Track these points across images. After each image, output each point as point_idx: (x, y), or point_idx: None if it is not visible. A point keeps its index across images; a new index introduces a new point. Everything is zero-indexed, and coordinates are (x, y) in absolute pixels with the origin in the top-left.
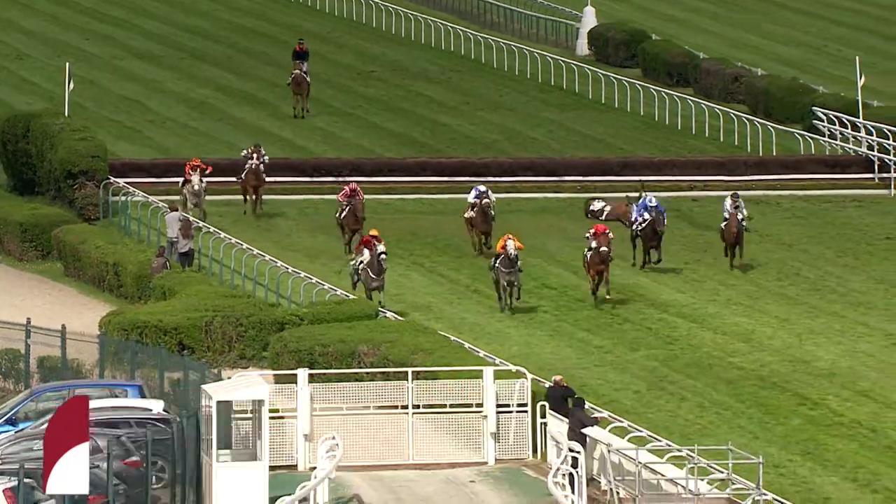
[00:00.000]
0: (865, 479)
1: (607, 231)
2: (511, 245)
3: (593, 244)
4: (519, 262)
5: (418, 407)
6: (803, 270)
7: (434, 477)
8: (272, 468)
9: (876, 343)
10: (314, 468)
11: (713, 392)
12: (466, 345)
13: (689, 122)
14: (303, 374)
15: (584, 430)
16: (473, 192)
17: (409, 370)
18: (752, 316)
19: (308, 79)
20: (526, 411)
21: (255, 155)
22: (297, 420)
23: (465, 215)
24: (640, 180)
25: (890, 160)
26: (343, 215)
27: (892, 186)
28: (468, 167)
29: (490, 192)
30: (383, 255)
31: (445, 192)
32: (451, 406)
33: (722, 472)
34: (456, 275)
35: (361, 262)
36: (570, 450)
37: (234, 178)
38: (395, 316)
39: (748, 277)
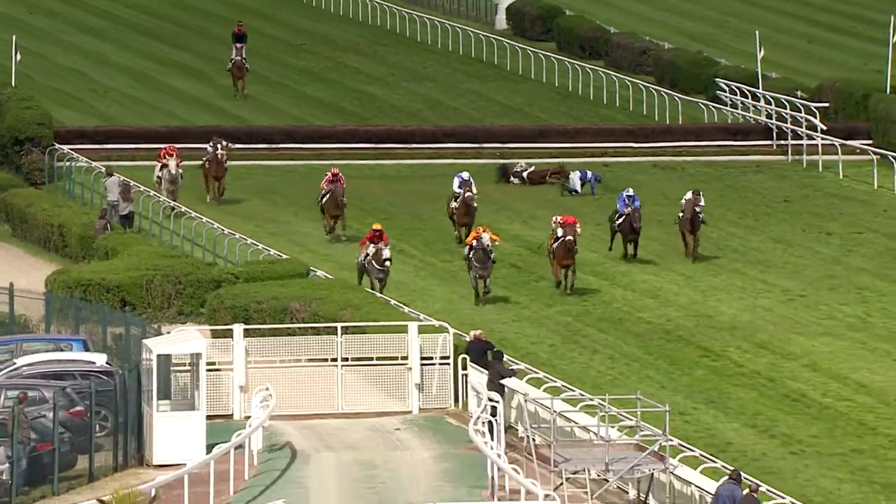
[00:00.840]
0: (764, 426)
1: (576, 223)
2: (486, 238)
3: (559, 233)
4: (493, 255)
5: (347, 360)
6: (706, 231)
7: (361, 425)
8: (209, 417)
9: (774, 299)
10: (249, 417)
11: (623, 345)
12: (392, 301)
13: (601, 93)
14: (238, 329)
15: (503, 381)
16: (457, 181)
17: (339, 325)
18: (659, 274)
19: (247, 64)
20: (448, 364)
21: (217, 145)
22: (233, 372)
23: (451, 205)
24: (500, 149)
25: (787, 128)
26: (325, 200)
27: (790, 153)
28: (394, 135)
29: (473, 184)
30: (388, 262)
31: (373, 158)
32: (378, 359)
33: (631, 420)
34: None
35: (367, 255)
36: (490, 399)
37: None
38: (325, 275)
39: (653, 237)
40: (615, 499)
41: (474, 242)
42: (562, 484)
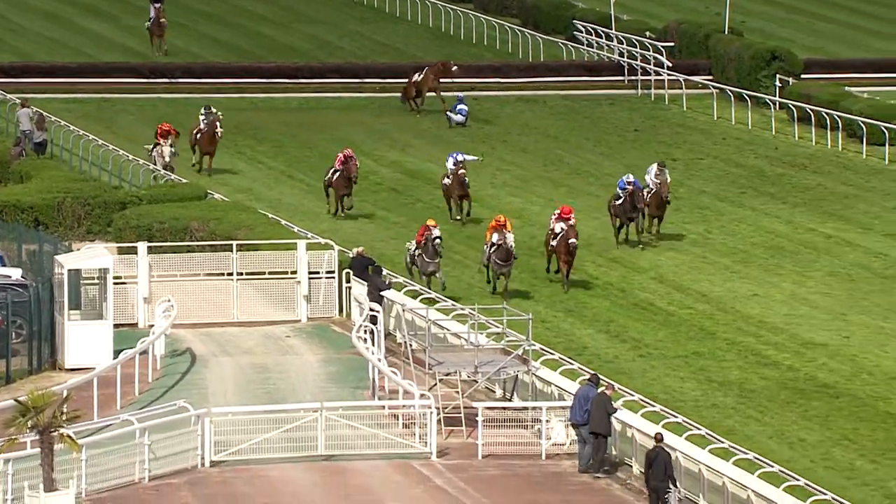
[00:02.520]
0: (616, 331)
1: (572, 220)
2: (510, 238)
3: (557, 228)
4: (515, 252)
5: (241, 274)
6: (566, 158)
7: (255, 333)
8: (116, 326)
9: (674, 248)
10: (152, 326)
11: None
12: (283, 221)
13: (471, 34)
14: (142, 246)
15: (382, 293)
16: (451, 161)
17: (234, 243)
18: (522, 196)
19: (165, 21)
20: (333, 277)
21: (210, 115)
22: (138, 285)
23: (443, 182)
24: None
25: (637, 65)
26: (334, 178)
27: (639, 87)
28: (284, 71)
29: (466, 162)
30: (438, 240)
31: (265, 91)
32: (270, 273)
33: (498, 327)
34: (273, 162)
35: (417, 248)
36: (371, 309)
37: (80, 80)
38: (222, 197)
39: (518, 163)
40: (483, 397)
41: (496, 237)
42: (436, 385)
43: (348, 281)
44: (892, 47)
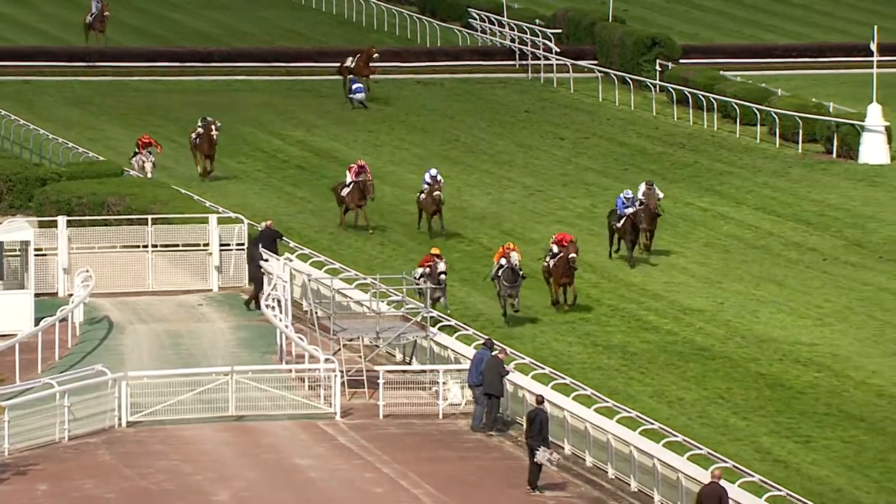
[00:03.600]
0: (542, 314)
1: (574, 240)
2: (515, 257)
3: (555, 249)
4: (522, 272)
5: (156, 246)
6: (461, 137)
7: (169, 301)
8: (37, 295)
9: (517, 193)
10: (71, 295)
11: (392, 232)
12: (195, 197)
13: (372, 20)
14: (62, 220)
15: (261, 266)
16: (427, 176)
17: (149, 217)
18: (420, 172)
19: (108, 14)
20: (243, 249)
21: (211, 125)
22: (58, 257)
23: (418, 197)
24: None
25: (528, 50)
26: (348, 192)
27: (529, 71)
28: (195, 55)
29: (440, 180)
30: (443, 275)
31: (177, 75)
32: (183, 245)
33: (398, 296)
34: (184, 139)
35: (423, 275)
36: (279, 277)
37: (2, 64)
38: (138, 174)
39: (417, 142)
40: (384, 361)
41: (503, 261)
42: (339, 349)
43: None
44: (763, 34)
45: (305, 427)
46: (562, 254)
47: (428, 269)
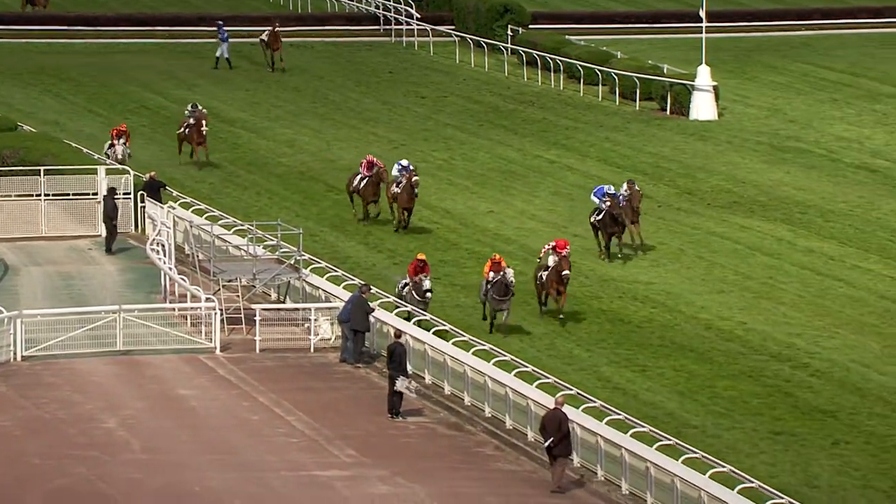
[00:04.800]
0: (374, 243)
1: (567, 253)
2: (510, 273)
3: (550, 261)
4: (513, 288)
5: (48, 195)
6: (331, 95)
7: (61, 246)
8: None
9: (382, 147)
10: None
11: (267, 183)
12: (84, 150)
13: None
14: None
15: (170, 209)
16: (396, 167)
17: (41, 168)
18: (294, 128)
19: None
20: (129, 198)
21: (196, 112)
22: None
23: (390, 191)
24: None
25: (391, 17)
26: (362, 185)
27: (393, 35)
28: (82, 20)
29: (415, 171)
30: (429, 294)
31: (67, 37)
32: (73, 194)
33: (273, 240)
34: (75, 98)
35: (407, 285)
36: (163, 224)
37: None
38: (30, 128)
39: (290, 100)
40: (260, 300)
41: (491, 275)
42: (219, 290)
43: (143, 201)
44: (605, 2)
45: (188, 360)
46: (555, 265)
47: (413, 282)
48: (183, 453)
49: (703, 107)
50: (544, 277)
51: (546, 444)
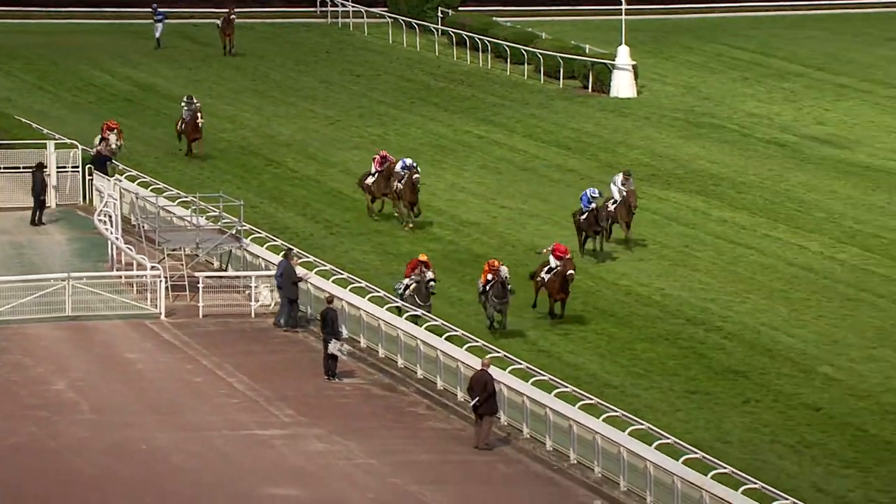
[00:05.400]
0: (311, 214)
1: (569, 256)
2: (505, 270)
3: (552, 263)
4: (511, 287)
5: (0, 168)
6: (270, 74)
7: (12, 216)
8: None
9: (319, 122)
10: None
11: (209, 156)
12: (34, 125)
13: None
14: None
15: (117, 182)
16: (400, 164)
17: None
18: (235, 105)
19: None
20: (77, 171)
21: (192, 106)
22: None
23: (395, 187)
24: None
25: None
26: (373, 181)
27: (329, 17)
28: (36, 1)
29: (417, 168)
30: (432, 283)
31: (21, 18)
32: (24, 167)
33: (215, 212)
34: (26, 76)
35: (408, 287)
36: (110, 196)
37: None
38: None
39: (231, 78)
40: (203, 268)
41: (490, 276)
42: (164, 258)
43: (90, 174)
44: None
45: (134, 326)
46: (559, 269)
47: (415, 283)
48: (129, 413)
49: (622, 85)
50: (546, 279)
51: (472, 403)
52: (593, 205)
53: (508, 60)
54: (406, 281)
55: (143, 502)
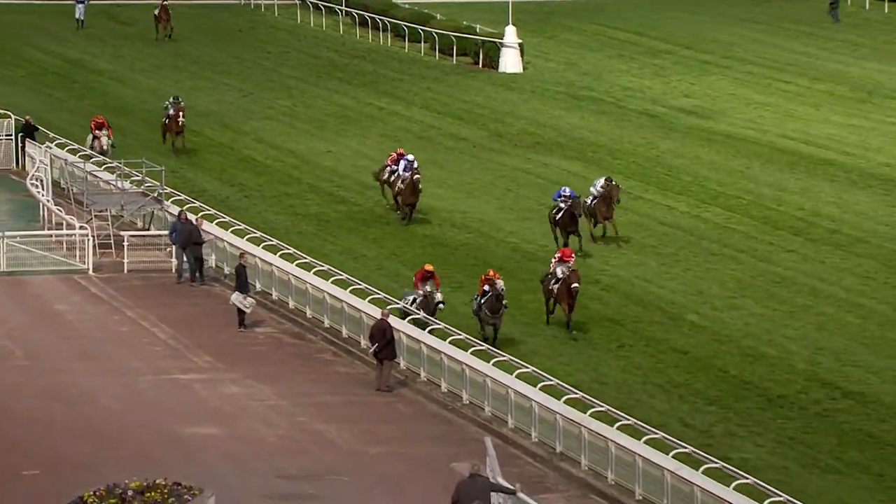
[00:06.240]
0: (228, 179)
1: (575, 267)
2: (500, 283)
3: (559, 273)
4: (505, 301)
5: None
6: (189, 51)
7: None
8: None
9: (233, 95)
10: None
11: (133, 126)
12: None
13: None
14: None
15: (47, 149)
16: (403, 164)
17: None
18: (156, 78)
19: None
20: (11, 139)
21: (177, 105)
22: None
23: (396, 187)
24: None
25: None
26: (392, 178)
27: (252, 2)
28: None
29: (418, 168)
30: (441, 305)
31: None
32: None
33: (138, 176)
34: None
35: (416, 300)
36: (41, 161)
37: None
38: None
39: (154, 54)
40: (128, 228)
41: (486, 287)
42: (91, 219)
43: (22, 142)
44: None
45: (64, 280)
46: (565, 280)
47: (422, 297)
48: (60, 360)
49: (510, 61)
50: (555, 291)
51: (373, 349)
52: (568, 203)
53: (406, 39)
54: (414, 295)
55: (75, 441)
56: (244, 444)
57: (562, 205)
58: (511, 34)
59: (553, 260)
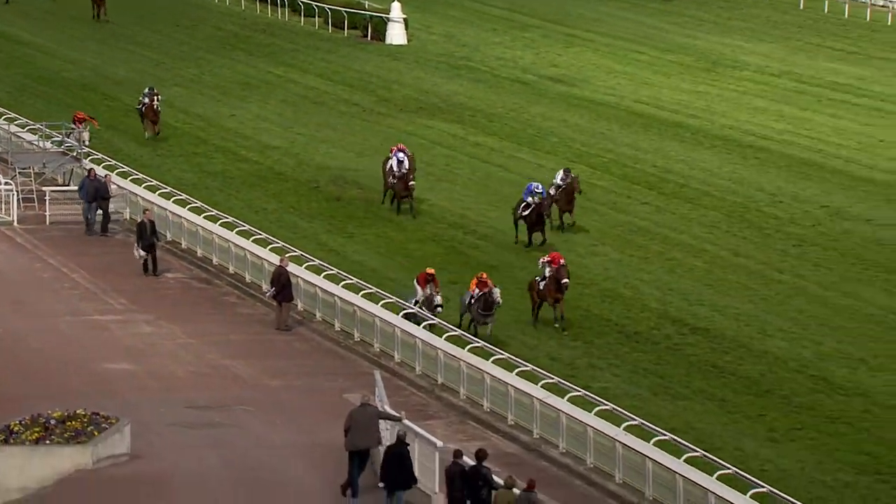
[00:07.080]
0: (142, 140)
1: (564, 263)
2: (497, 293)
3: (547, 272)
4: (499, 301)
5: None
6: (108, 25)
7: None
8: None
9: (147, 64)
10: None
11: (55, 92)
12: None
13: None
14: None
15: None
16: (395, 159)
17: None
18: (77, 50)
19: None
20: None
21: (153, 96)
22: None
23: (389, 180)
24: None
25: None
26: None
27: None
28: None
29: (409, 166)
30: (439, 308)
31: None
32: None
33: (59, 137)
34: None
35: (418, 301)
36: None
37: None
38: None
39: (74, 26)
40: (50, 184)
41: (476, 291)
42: (16, 175)
43: None
44: None
45: None
46: (552, 274)
47: (424, 298)
48: None
49: (396, 34)
50: (542, 286)
51: (271, 292)
52: (532, 199)
53: (302, 14)
54: (417, 297)
55: (3, 376)
56: (157, 378)
57: (529, 200)
58: (396, 10)
59: (541, 261)
